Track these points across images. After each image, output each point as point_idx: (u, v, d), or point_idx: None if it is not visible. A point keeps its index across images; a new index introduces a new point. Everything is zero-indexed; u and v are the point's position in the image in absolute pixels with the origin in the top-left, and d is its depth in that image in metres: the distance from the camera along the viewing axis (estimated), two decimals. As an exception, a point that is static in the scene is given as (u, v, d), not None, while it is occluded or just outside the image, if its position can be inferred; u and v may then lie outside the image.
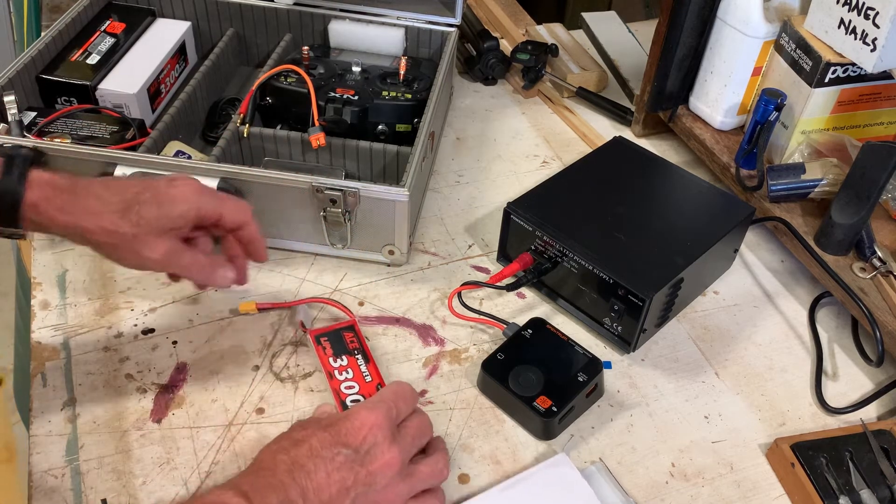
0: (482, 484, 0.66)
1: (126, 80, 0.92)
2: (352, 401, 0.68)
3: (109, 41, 0.95)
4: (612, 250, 0.76)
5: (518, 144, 1.05)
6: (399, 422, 0.61)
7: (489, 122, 1.09)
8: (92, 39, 0.95)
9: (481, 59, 1.14)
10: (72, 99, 0.90)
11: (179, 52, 1.02)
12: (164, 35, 1.01)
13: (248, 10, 1.05)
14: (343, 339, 0.73)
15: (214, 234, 0.69)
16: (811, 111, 0.86)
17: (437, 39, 1.05)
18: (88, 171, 0.79)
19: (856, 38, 0.79)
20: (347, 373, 0.70)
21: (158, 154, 0.85)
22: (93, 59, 0.93)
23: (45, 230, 0.61)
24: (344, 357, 0.71)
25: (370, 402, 0.60)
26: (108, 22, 0.99)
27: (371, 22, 1.03)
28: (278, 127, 0.92)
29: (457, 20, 1.04)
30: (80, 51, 0.93)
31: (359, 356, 0.71)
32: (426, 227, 0.91)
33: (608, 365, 0.75)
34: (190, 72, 1.05)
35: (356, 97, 0.90)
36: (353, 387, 0.69)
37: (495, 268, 0.86)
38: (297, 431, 0.58)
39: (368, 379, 0.69)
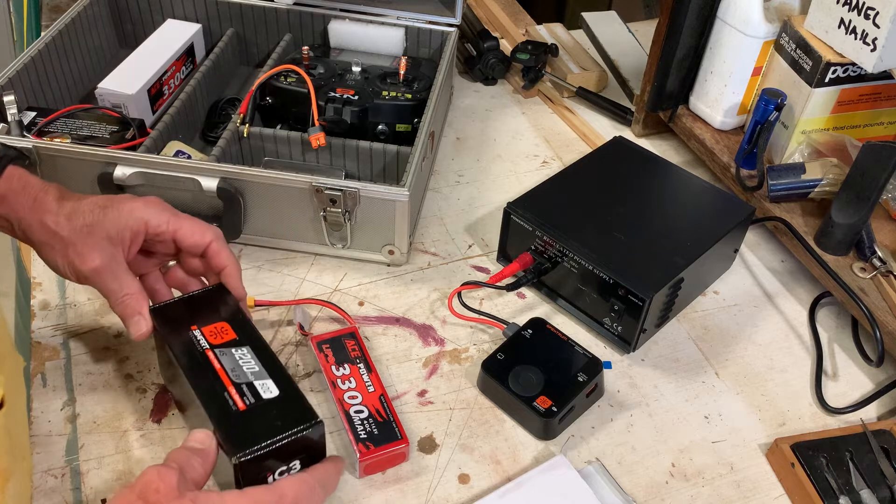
0: (482, 484, 0.66)
1: (126, 80, 0.92)
2: (355, 411, 0.67)
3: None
4: (612, 250, 0.76)
5: (518, 144, 1.05)
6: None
7: (489, 122, 1.09)
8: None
9: (481, 59, 1.14)
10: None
11: (187, 54, 1.01)
12: (173, 36, 1.01)
13: (248, 10, 1.05)
14: (345, 346, 0.73)
15: (176, 258, 0.67)
16: (811, 111, 0.86)
17: (437, 39, 1.05)
18: (88, 171, 0.79)
19: (856, 38, 0.79)
20: (350, 382, 0.70)
21: (158, 154, 0.85)
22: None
23: (2, 228, 0.63)
24: (346, 366, 0.71)
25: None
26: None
27: (371, 22, 1.03)
28: (278, 127, 0.92)
29: (457, 20, 1.04)
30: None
31: (360, 364, 0.71)
32: (426, 227, 0.91)
33: (608, 365, 0.75)
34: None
35: (356, 97, 0.90)
36: (357, 397, 0.68)
37: (495, 268, 0.86)
38: None
39: (371, 389, 0.69)
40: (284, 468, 0.55)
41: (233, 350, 0.61)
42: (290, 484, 0.53)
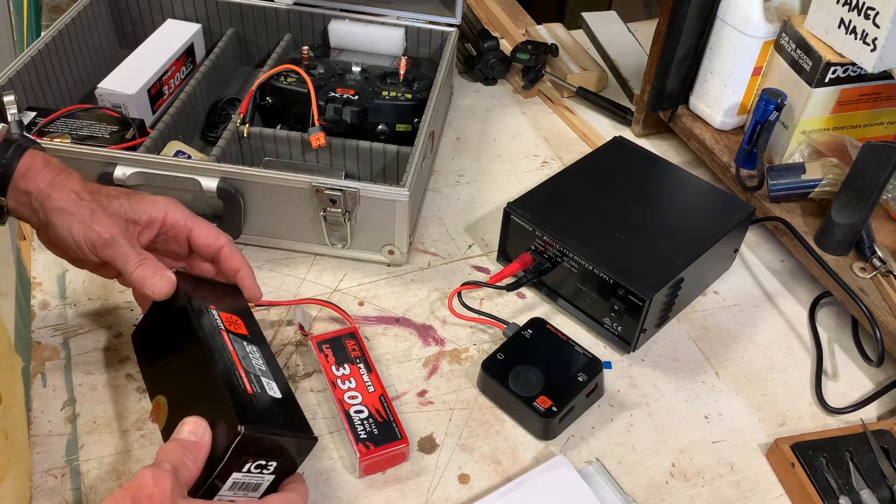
0: (482, 484, 0.66)
1: (126, 80, 0.92)
2: (355, 411, 0.67)
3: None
4: (612, 250, 0.76)
5: (518, 144, 1.05)
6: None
7: (489, 122, 1.09)
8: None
9: (481, 58, 1.14)
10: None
11: (187, 54, 1.01)
12: (172, 36, 1.01)
13: (248, 10, 1.05)
14: (345, 346, 0.73)
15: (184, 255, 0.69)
16: (811, 111, 0.86)
17: (437, 39, 1.05)
18: (88, 172, 0.79)
19: (856, 38, 0.79)
20: (350, 382, 0.70)
21: (158, 154, 0.85)
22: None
23: (19, 205, 0.64)
24: (346, 366, 0.71)
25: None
26: None
27: (371, 22, 1.03)
28: (278, 127, 0.92)
29: (457, 20, 1.04)
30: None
31: (360, 364, 0.71)
32: (426, 227, 0.91)
33: (608, 365, 0.75)
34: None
35: (356, 97, 0.90)
36: (357, 397, 0.68)
37: (495, 268, 0.86)
38: None
39: (371, 389, 0.69)
40: (263, 463, 0.54)
41: (244, 343, 0.61)
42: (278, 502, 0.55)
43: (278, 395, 0.58)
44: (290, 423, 0.56)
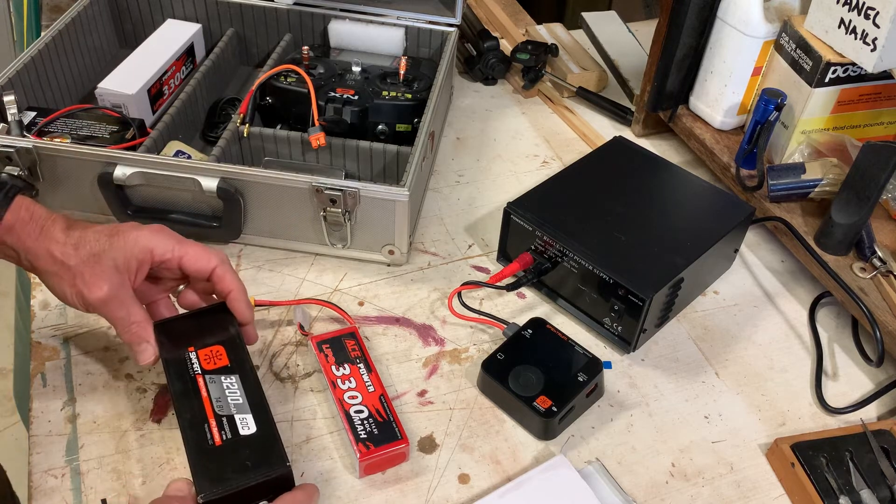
0: (482, 484, 0.66)
1: (126, 80, 0.92)
2: (355, 411, 0.67)
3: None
4: (612, 250, 0.76)
5: (518, 144, 1.05)
6: None
7: (489, 122, 1.09)
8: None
9: (481, 58, 1.14)
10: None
11: (187, 54, 1.01)
12: (173, 36, 1.01)
13: (248, 10, 1.05)
14: (345, 346, 0.73)
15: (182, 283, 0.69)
16: (811, 111, 0.86)
17: (437, 39, 1.05)
18: (88, 171, 0.79)
19: (856, 38, 0.79)
20: (350, 382, 0.70)
21: (158, 154, 0.85)
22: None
23: (9, 258, 0.64)
24: (346, 366, 0.71)
25: None
26: None
27: (371, 22, 1.03)
28: (278, 127, 0.92)
29: (457, 20, 1.04)
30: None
31: (360, 364, 0.71)
32: (426, 227, 0.91)
33: (608, 365, 0.75)
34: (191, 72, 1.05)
35: (356, 97, 0.90)
36: (357, 397, 0.68)
37: (495, 268, 0.86)
38: None
39: (371, 389, 0.69)
40: None
41: (222, 378, 0.61)
42: None
43: (252, 430, 0.58)
44: (262, 462, 0.56)
